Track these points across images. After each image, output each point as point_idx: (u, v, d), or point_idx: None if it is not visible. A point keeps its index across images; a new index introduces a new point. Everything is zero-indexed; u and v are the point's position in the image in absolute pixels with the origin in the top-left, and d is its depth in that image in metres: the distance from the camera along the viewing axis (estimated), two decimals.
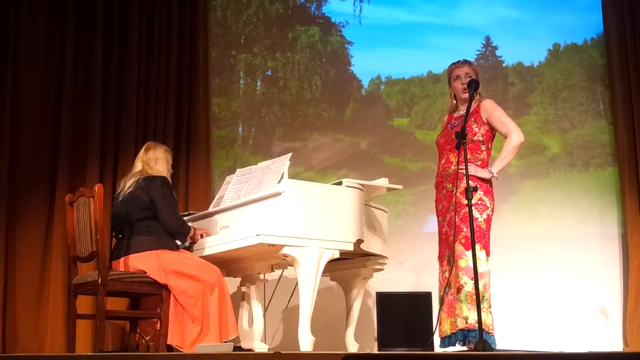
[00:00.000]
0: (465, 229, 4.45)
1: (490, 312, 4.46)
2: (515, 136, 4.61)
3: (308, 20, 7.02)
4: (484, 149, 4.65)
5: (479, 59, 6.92)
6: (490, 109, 4.69)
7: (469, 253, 4.39)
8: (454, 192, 4.49)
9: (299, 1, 7.06)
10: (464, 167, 4.42)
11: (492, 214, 4.57)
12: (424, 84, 6.97)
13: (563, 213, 6.57)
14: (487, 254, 4.50)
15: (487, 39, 7.00)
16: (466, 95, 4.63)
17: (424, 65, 6.95)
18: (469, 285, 4.39)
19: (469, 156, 4.52)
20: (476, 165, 4.58)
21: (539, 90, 6.92)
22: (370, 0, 7.03)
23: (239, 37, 6.94)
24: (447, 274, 4.53)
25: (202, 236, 4.74)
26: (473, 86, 4.48)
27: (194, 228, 4.76)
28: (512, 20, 7.05)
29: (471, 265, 4.38)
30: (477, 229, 4.46)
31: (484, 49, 6.98)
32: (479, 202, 4.53)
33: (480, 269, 4.38)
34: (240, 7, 6.96)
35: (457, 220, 4.47)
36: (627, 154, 6.49)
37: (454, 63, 4.82)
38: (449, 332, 4.48)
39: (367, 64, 6.95)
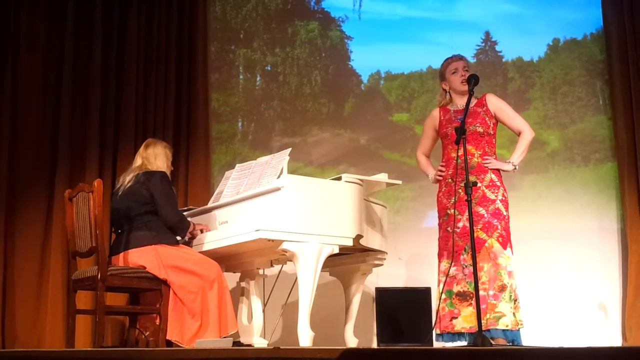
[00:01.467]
0: (499, 227, 4.52)
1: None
2: (529, 131, 4.76)
3: (307, 15, 7.01)
4: (494, 142, 4.73)
5: (478, 54, 6.92)
6: (498, 102, 4.77)
7: (507, 252, 4.51)
8: (479, 184, 4.55)
9: None
10: (487, 159, 4.60)
11: None
12: (423, 79, 6.97)
13: (562, 208, 6.57)
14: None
15: (487, 34, 6.99)
16: (466, 88, 4.63)
17: (423, 60, 6.94)
18: (513, 286, 4.49)
19: (487, 149, 4.65)
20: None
21: (538, 86, 6.92)
22: None
23: (238, 32, 6.94)
24: (472, 269, 4.52)
25: (201, 231, 4.74)
26: (472, 81, 4.47)
27: (193, 223, 4.76)
28: (511, 15, 7.04)
29: (508, 263, 4.49)
30: (506, 226, 4.58)
31: (483, 44, 6.97)
32: (503, 197, 4.62)
33: (511, 268, 4.51)
34: (239, 2, 6.95)
35: (488, 216, 4.53)
36: (627, 149, 6.50)
37: (450, 57, 4.84)
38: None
39: (367, 59, 6.94)
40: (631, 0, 6.68)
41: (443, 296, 4.57)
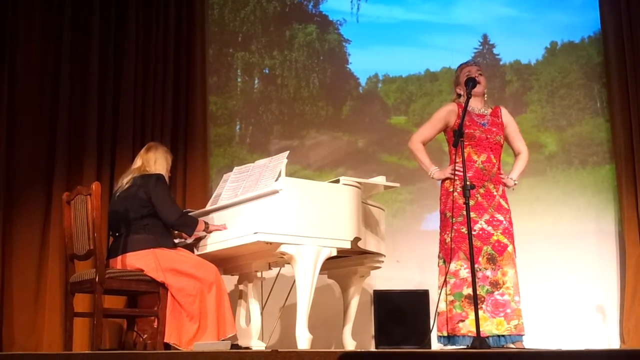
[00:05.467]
0: (514, 236, 4.62)
1: None
2: (527, 154, 4.86)
3: (305, 18, 7.02)
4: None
5: (476, 57, 6.92)
6: (510, 117, 4.85)
7: (516, 260, 4.62)
8: (495, 193, 4.62)
9: None
10: (502, 173, 4.68)
11: None
12: (421, 82, 6.98)
13: (560, 211, 6.58)
14: None
15: (485, 37, 7.00)
16: (479, 88, 4.70)
17: (421, 63, 6.96)
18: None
19: (500, 161, 4.70)
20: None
21: (536, 88, 6.93)
22: None
23: (236, 35, 6.94)
24: (487, 273, 4.51)
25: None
26: (470, 84, 4.50)
27: (205, 222, 4.67)
28: (509, 18, 7.05)
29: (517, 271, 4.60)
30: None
31: (481, 47, 6.98)
32: (510, 208, 4.69)
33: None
34: (237, 5, 6.96)
35: (506, 223, 4.60)
36: (624, 151, 6.51)
37: (464, 63, 4.86)
38: (494, 331, 4.45)
39: (365, 62, 6.95)
40: (628, 3, 6.69)
41: (451, 298, 4.52)
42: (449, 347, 4.56)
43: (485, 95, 4.83)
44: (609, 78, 6.74)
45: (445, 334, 4.54)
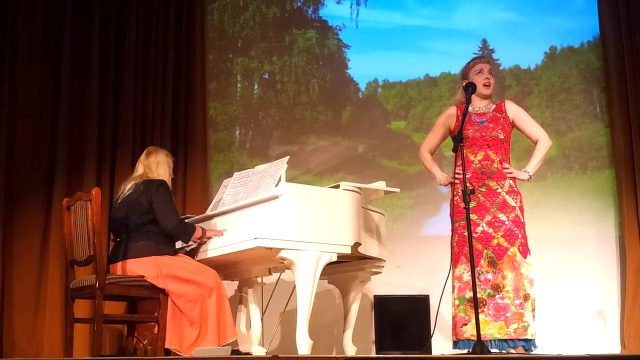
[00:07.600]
0: (520, 235, 4.55)
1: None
2: (546, 140, 4.74)
3: (305, 23, 7.02)
4: (509, 149, 4.73)
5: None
6: (517, 109, 4.77)
7: (527, 260, 4.54)
8: (499, 190, 4.58)
9: (295, 5, 7.06)
10: (507, 167, 4.62)
11: None
12: (421, 87, 6.98)
13: (560, 216, 6.58)
14: None
15: (484, 42, 7.01)
16: (487, 91, 4.69)
17: (420, 68, 6.96)
18: (533, 295, 4.51)
19: (504, 156, 4.65)
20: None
21: (535, 93, 6.94)
22: (367, 4, 7.05)
23: (236, 40, 6.95)
24: (489, 276, 4.48)
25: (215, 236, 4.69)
26: (470, 89, 4.50)
27: (203, 229, 4.70)
28: (508, 23, 7.06)
29: (529, 272, 4.51)
30: (524, 234, 4.61)
31: (480, 52, 6.98)
32: (521, 204, 4.65)
33: (532, 276, 4.54)
34: (237, 11, 6.96)
35: (509, 223, 4.55)
36: (624, 156, 6.51)
37: (477, 58, 4.84)
38: (497, 335, 4.42)
39: (364, 67, 6.95)
40: (627, 8, 6.71)
41: (456, 302, 4.53)
42: (451, 352, 4.56)
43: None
44: (609, 83, 6.75)
45: (454, 338, 4.56)
